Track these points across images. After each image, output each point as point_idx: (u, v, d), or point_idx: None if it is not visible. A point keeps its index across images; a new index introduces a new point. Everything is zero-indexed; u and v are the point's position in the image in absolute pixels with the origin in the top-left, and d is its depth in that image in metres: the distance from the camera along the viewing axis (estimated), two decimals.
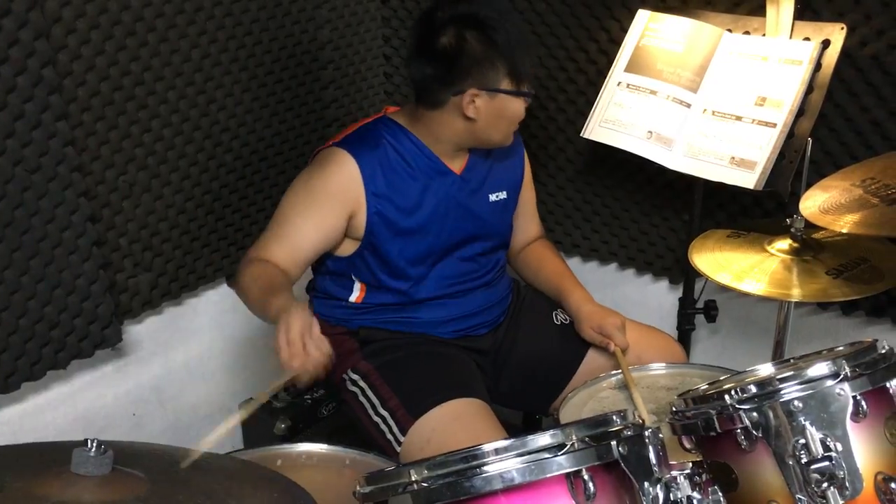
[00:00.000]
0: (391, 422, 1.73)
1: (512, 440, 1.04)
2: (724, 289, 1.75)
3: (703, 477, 1.32)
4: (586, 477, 1.01)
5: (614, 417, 1.11)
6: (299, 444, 1.61)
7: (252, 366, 2.43)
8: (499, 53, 1.73)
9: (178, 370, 2.25)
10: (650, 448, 1.09)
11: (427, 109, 1.80)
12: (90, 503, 0.98)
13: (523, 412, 2.37)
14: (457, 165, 1.88)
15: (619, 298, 2.35)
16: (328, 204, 1.77)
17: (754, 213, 2.18)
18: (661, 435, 1.13)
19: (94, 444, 1.01)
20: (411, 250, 1.84)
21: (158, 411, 2.22)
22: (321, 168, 1.80)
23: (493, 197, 1.94)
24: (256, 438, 2.32)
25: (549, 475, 1.01)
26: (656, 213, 2.34)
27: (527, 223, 2.09)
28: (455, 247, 1.90)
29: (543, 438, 1.04)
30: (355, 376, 1.84)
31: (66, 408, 1.99)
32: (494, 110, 1.76)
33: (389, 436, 1.73)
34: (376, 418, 1.76)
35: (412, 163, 1.82)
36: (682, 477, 1.12)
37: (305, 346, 1.46)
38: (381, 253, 1.83)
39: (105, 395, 2.08)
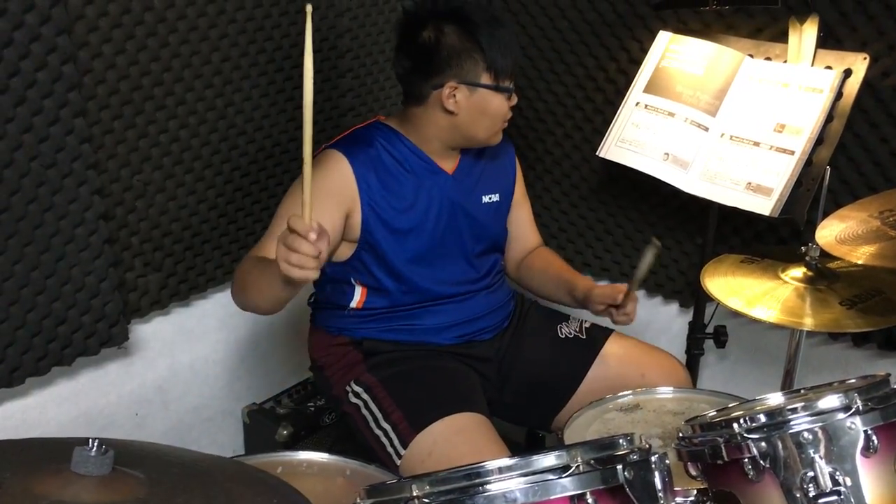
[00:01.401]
0: (392, 435, 1.72)
1: (517, 459, 1.03)
2: (735, 314, 1.73)
3: None
4: (590, 500, 0.99)
5: (621, 441, 1.10)
6: (300, 451, 1.60)
7: (257, 370, 2.42)
8: (477, 47, 1.74)
9: (183, 371, 2.25)
10: (656, 474, 1.07)
11: (412, 106, 1.83)
12: (89, 503, 0.97)
13: (526, 429, 2.36)
14: (448, 166, 1.89)
15: None
16: (325, 204, 1.76)
17: (769, 239, 2.17)
18: (667, 461, 1.12)
19: (96, 444, 1.00)
20: (408, 249, 1.85)
21: (161, 412, 2.21)
22: (316, 170, 1.78)
23: (486, 199, 1.95)
24: (258, 444, 2.31)
25: (552, 497, 1.00)
26: (669, 235, 2.33)
27: (525, 234, 2.10)
28: (451, 246, 1.90)
29: (548, 459, 1.03)
30: (358, 388, 1.83)
31: (69, 405, 1.98)
32: (475, 105, 1.77)
33: (390, 448, 1.72)
34: (378, 431, 1.76)
35: (404, 163, 1.84)
36: None
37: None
38: (378, 252, 1.83)
39: (109, 394, 2.08)
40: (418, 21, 1.78)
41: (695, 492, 1.38)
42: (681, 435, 1.32)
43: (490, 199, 1.97)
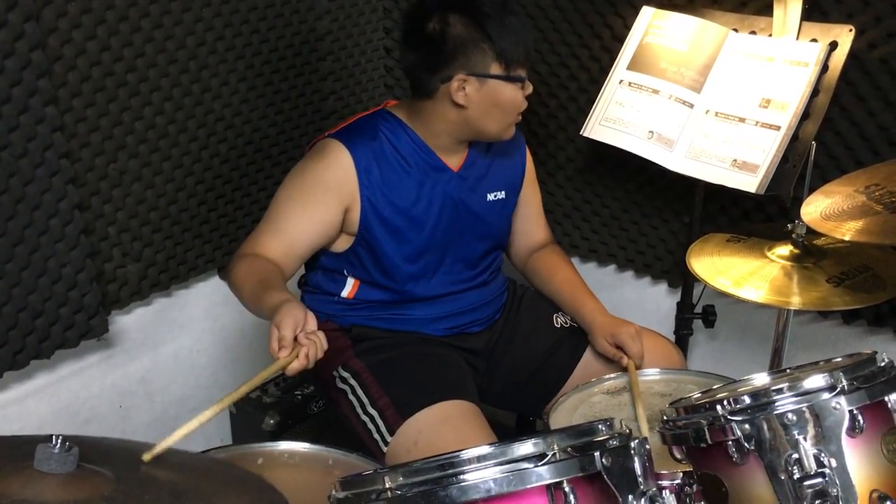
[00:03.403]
0: (379, 421, 1.70)
1: (491, 448, 1.00)
2: (724, 294, 1.71)
3: (694, 488, 1.29)
4: (567, 489, 0.97)
5: (600, 426, 1.07)
6: (281, 442, 1.57)
7: (242, 359, 2.40)
8: (485, 36, 1.67)
9: (167, 362, 2.22)
10: (636, 460, 1.05)
11: (420, 100, 1.76)
12: (52, 502, 0.94)
13: (517, 413, 2.34)
14: (454, 162, 1.83)
15: (616, 301, 2.31)
16: (324, 197, 1.73)
17: (756, 217, 2.14)
18: (647, 446, 1.09)
19: (59, 441, 0.98)
20: (406, 248, 1.80)
21: (146, 404, 2.19)
22: (316, 160, 1.76)
23: (491, 196, 1.89)
24: (244, 433, 2.29)
25: (528, 486, 0.97)
26: (656, 214, 2.30)
27: (532, 226, 2.04)
28: (452, 246, 1.86)
29: (524, 447, 1.00)
30: (346, 374, 1.81)
31: (49, 398, 1.96)
32: (486, 97, 1.71)
33: (377, 435, 1.69)
34: (364, 417, 1.73)
35: (408, 158, 1.78)
36: (667, 491, 1.08)
37: (297, 340, 1.43)
38: (374, 249, 1.79)
39: (91, 387, 2.05)
40: (423, 11, 1.71)
41: (681, 475, 1.35)
42: (665, 418, 1.29)
43: (496, 196, 1.90)
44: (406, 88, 2.50)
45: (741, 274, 1.70)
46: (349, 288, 1.86)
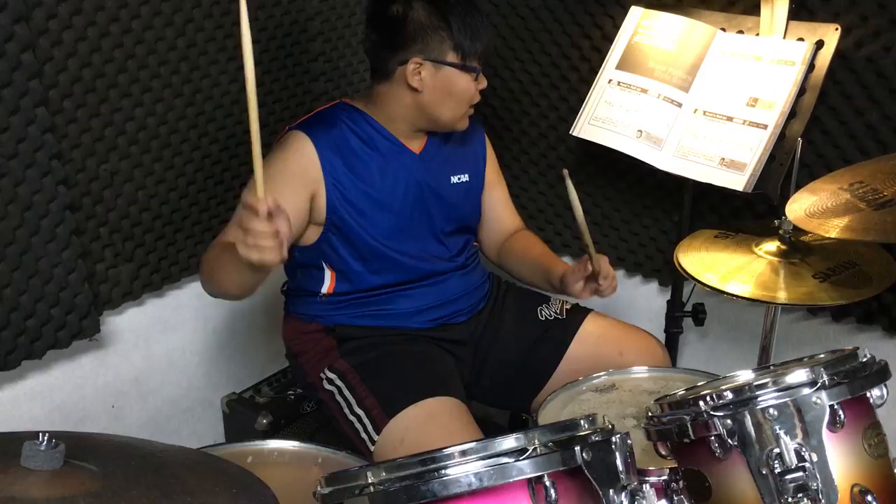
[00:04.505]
0: (366, 420, 1.71)
1: (472, 443, 1.01)
2: (714, 292, 1.72)
3: (681, 484, 1.30)
4: (548, 483, 0.98)
5: (582, 422, 1.08)
6: (270, 440, 1.58)
7: (234, 359, 2.41)
8: (445, 25, 1.72)
9: (160, 362, 2.23)
10: (617, 454, 1.06)
11: (378, 83, 1.81)
12: (39, 499, 0.95)
13: (510, 411, 2.35)
14: (415, 146, 1.88)
15: (607, 299, 2.30)
16: (289, 186, 1.75)
17: (745, 215, 2.15)
18: (629, 441, 1.10)
19: (46, 438, 0.99)
20: (375, 229, 1.83)
21: (138, 404, 2.20)
22: (279, 152, 1.80)
23: (454, 179, 1.94)
24: (238, 434, 2.30)
25: (509, 480, 0.98)
26: (647, 213, 2.31)
27: (502, 216, 2.07)
28: (420, 226, 1.88)
29: (506, 442, 1.01)
30: (332, 375, 1.82)
31: (42, 399, 1.96)
32: (440, 84, 1.75)
33: (364, 434, 1.71)
34: (352, 417, 1.74)
35: (369, 142, 1.82)
36: (648, 486, 1.09)
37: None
38: (345, 233, 1.82)
39: (83, 387, 2.05)
40: None
41: (668, 471, 1.36)
42: (650, 414, 1.30)
43: (459, 179, 1.95)
44: None
45: (728, 269, 1.72)
46: (328, 282, 1.87)
